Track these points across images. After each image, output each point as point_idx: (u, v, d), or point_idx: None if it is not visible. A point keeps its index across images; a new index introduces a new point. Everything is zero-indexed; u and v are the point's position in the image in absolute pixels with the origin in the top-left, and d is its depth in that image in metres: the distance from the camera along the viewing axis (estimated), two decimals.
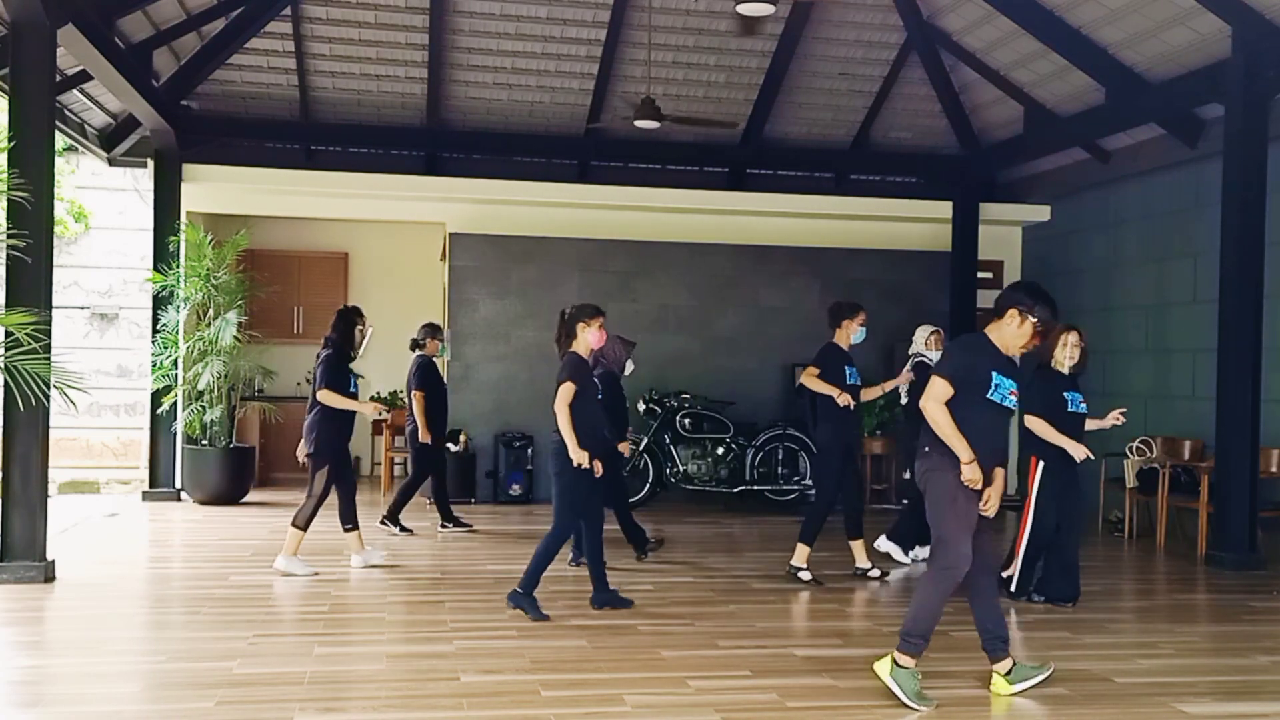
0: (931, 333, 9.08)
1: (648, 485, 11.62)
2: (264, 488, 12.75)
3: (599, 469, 6.83)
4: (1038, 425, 7.20)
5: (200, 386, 11.26)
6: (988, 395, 5.16)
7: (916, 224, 13.34)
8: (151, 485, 11.79)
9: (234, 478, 11.51)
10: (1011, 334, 5.27)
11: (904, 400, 8.95)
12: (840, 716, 4.96)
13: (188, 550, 9.39)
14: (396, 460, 13.75)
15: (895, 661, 5.18)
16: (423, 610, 7.16)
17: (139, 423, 13.10)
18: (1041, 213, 13.38)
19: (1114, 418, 7.50)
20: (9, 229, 7.30)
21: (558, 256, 12.52)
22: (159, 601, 7.55)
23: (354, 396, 8.15)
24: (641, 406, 11.73)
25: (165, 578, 8.44)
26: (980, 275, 13.15)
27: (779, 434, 11.88)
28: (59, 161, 12.41)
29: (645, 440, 11.58)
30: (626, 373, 8.83)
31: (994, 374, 5.18)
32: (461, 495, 11.71)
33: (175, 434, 11.68)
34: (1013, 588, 7.36)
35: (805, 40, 11.83)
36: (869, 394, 8.30)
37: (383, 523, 9.84)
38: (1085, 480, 11.80)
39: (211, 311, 11.51)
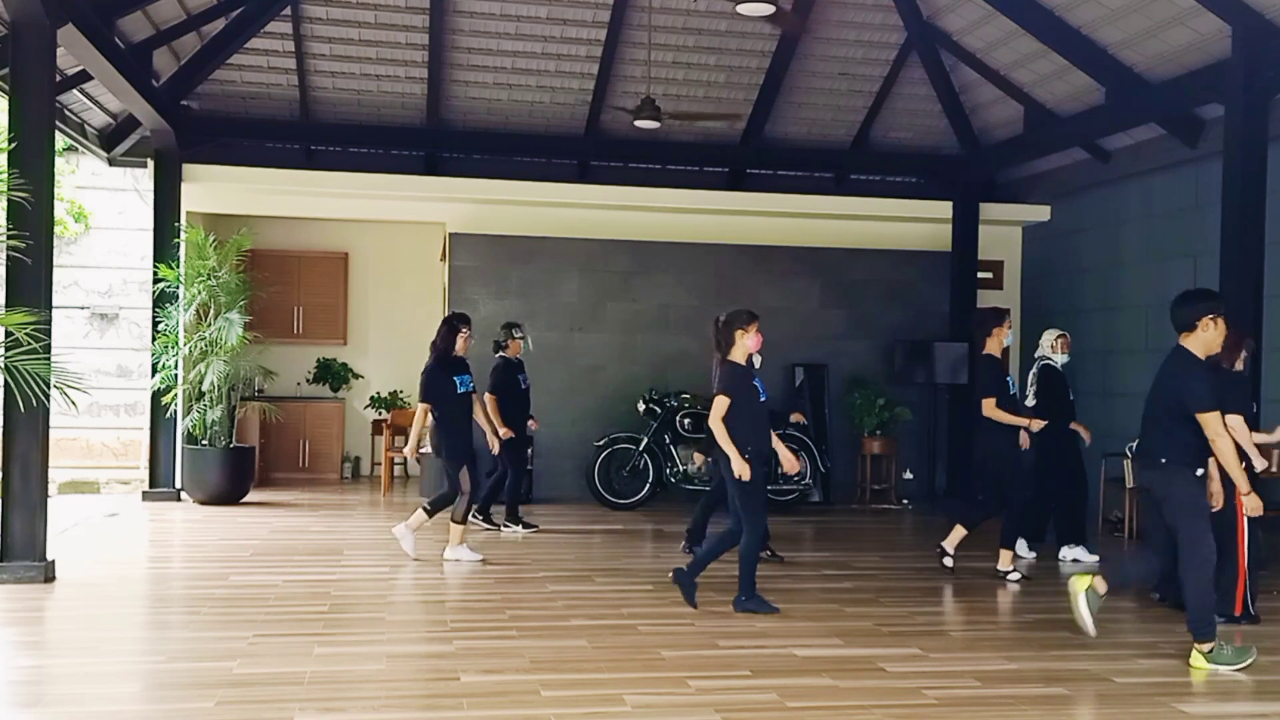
0: (1058, 336, 9.14)
1: (647, 485, 11.61)
2: (264, 488, 12.75)
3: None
4: (1242, 429, 6.85)
5: (204, 387, 11.26)
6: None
7: (916, 224, 13.34)
8: (151, 485, 11.79)
9: (234, 478, 11.51)
10: (1211, 339, 5.78)
11: (1032, 402, 8.89)
12: (840, 716, 4.96)
13: (188, 550, 9.39)
14: (396, 460, 13.76)
15: (1205, 654, 5.74)
16: (423, 610, 7.16)
17: (139, 423, 13.10)
18: (1041, 213, 13.38)
19: None
20: (9, 229, 7.30)
21: (558, 256, 12.52)
22: (159, 601, 7.55)
23: (465, 396, 8.53)
24: (641, 406, 11.73)
25: (165, 578, 8.44)
26: (980, 275, 13.16)
27: (779, 434, 11.84)
28: (59, 161, 12.40)
29: (645, 440, 11.57)
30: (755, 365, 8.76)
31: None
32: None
33: (177, 434, 11.68)
34: (1248, 610, 7.04)
35: (805, 40, 11.82)
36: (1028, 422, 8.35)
37: (506, 524, 10.03)
38: (1088, 480, 11.80)
39: (213, 311, 11.51)
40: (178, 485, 11.76)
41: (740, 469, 6.71)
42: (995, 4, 10.47)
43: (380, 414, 13.79)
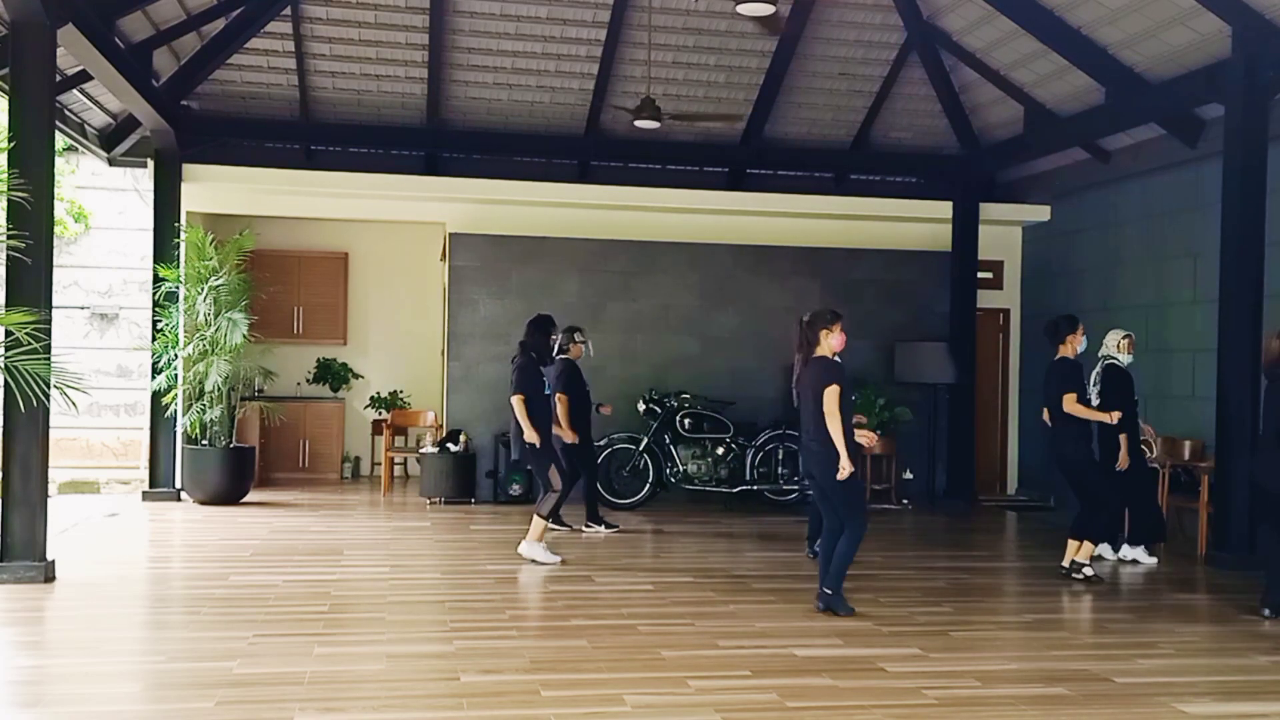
0: (1123, 336, 9.14)
1: (648, 485, 11.62)
2: (264, 488, 12.75)
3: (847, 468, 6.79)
4: None
5: (207, 387, 11.26)
6: None
7: (916, 224, 13.34)
8: (151, 485, 11.79)
9: (234, 478, 11.50)
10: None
11: (1096, 401, 8.86)
12: (840, 716, 4.96)
13: (188, 550, 9.39)
14: (396, 460, 13.76)
15: None
16: (423, 610, 7.16)
17: (139, 423, 13.10)
18: (1041, 213, 13.38)
19: None
20: (9, 229, 7.30)
21: (558, 256, 12.53)
22: (159, 601, 7.55)
23: (549, 399, 8.86)
24: (641, 406, 11.73)
25: (165, 578, 8.44)
26: (980, 275, 13.16)
27: (779, 434, 11.87)
28: (59, 161, 12.40)
29: (645, 440, 11.58)
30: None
31: None
32: (461, 495, 11.72)
33: (177, 434, 11.68)
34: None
35: (805, 40, 11.83)
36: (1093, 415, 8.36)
37: (587, 525, 10.13)
38: None
39: (213, 311, 11.50)
40: (178, 485, 11.76)
41: (848, 466, 6.70)
42: (995, 4, 10.47)
43: (380, 414, 13.79)
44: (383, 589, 7.58)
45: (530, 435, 8.51)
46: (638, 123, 10.58)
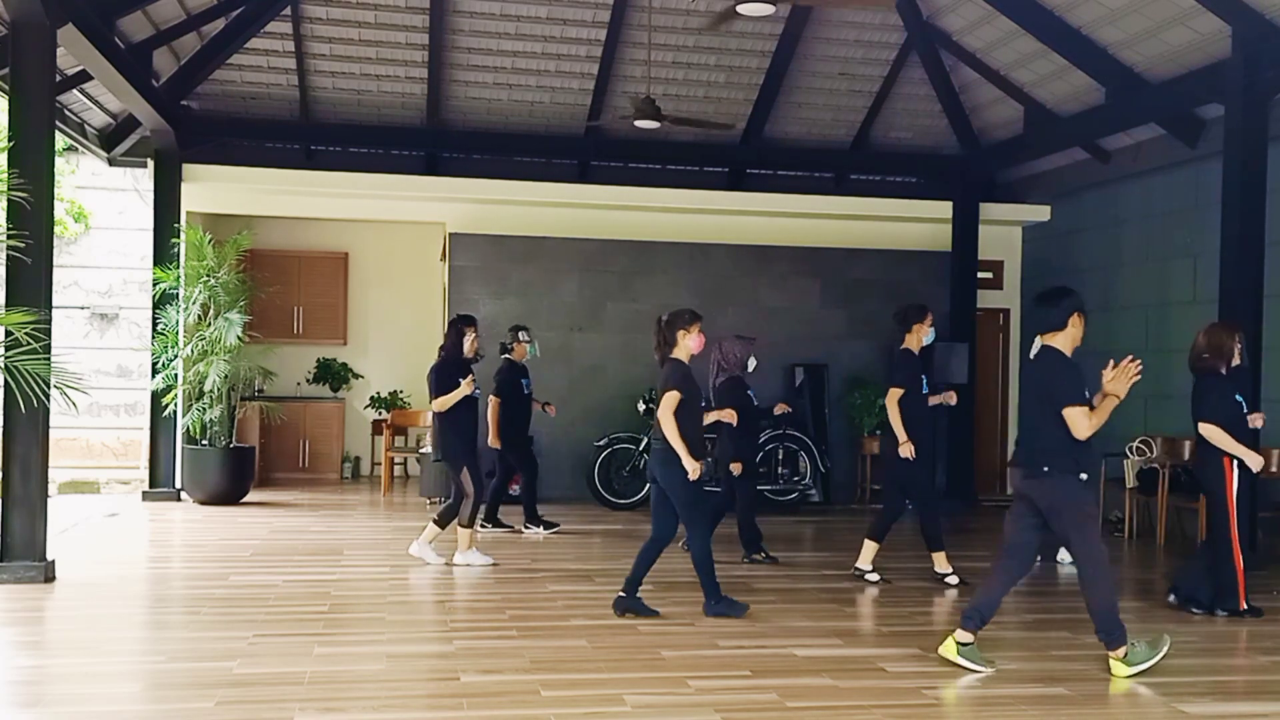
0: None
1: (648, 485, 11.59)
2: (264, 488, 12.75)
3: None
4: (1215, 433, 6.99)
5: (206, 387, 11.26)
6: None
7: (916, 224, 13.34)
8: (151, 485, 11.78)
9: (234, 478, 11.50)
10: (1078, 336, 5.76)
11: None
12: (840, 716, 4.96)
13: (188, 550, 9.39)
14: (396, 460, 13.76)
15: (1123, 659, 5.57)
16: (423, 610, 7.16)
17: (139, 423, 13.10)
18: (1041, 213, 13.38)
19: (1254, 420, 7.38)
20: (9, 229, 7.30)
21: (558, 256, 12.52)
22: (159, 601, 7.55)
23: (470, 399, 8.46)
24: (641, 406, 11.73)
25: (165, 578, 8.44)
26: (980, 275, 13.16)
27: (779, 434, 11.87)
28: (59, 161, 12.39)
29: (645, 440, 11.57)
30: (750, 369, 8.76)
31: None
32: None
33: (177, 434, 11.67)
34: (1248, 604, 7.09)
35: (805, 40, 11.83)
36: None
37: (526, 526, 10.00)
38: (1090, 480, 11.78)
39: (212, 311, 11.51)
40: (178, 485, 11.76)
41: (692, 467, 6.58)
42: (995, 4, 10.47)
43: (380, 414, 13.79)
44: (383, 589, 7.58)
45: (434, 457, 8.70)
46: (638, 123, 10.57)
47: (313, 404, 13.78)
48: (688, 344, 6.86)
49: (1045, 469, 5.58)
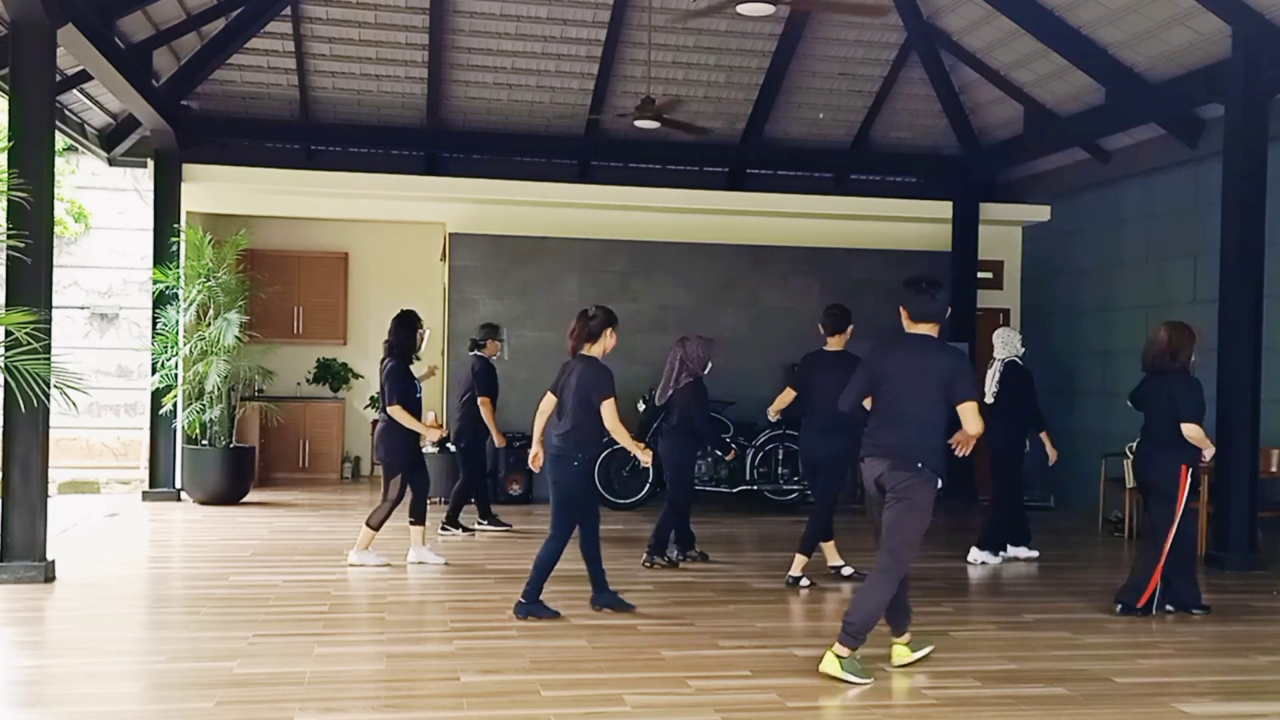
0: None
1: (647, 485, 11.62)
2: (264, 488, 12.75)
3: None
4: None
5: (206, 387, 11.26)
6: None
7: (916, 224, 13.34)
8: (151, 485, 11.79)
9: (234, 478, 11.51)
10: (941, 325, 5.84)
11: (991, 400, 8.90)
12: (840, 716, 4.96)
13: (188, 550, 9.39)
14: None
15: (841, 658, 5.40)
16: (423, 610, 7.16)
17: (139, 423, 13.10)
18: (1041, 213, 13.38)
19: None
20: (9, 229, 7.30)
21: (558, 256, 12.52)
22: (159, 601, 7.55)
23: (418, 404, 8.33)
24: (641, 406, 11.73)
25: (165, 578, 8.44)
26: (980, 275, 13.16)
27: (779, 434, 11.87)
28: (59, 161, 12.40)
29: (645, 440, 11.56)
30: (707, 370, 8.73)
31: None
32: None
33: (177, 434, 11.68)
34: (1150, 605, 7.08)
35: (805, 40, 11.83)
36: None
37: (444, 528, 9.85)
38: (1087, 481, 11.80)
39: (212, 311, 11.51)
40: (178, 485, 11.76)
41: (644, 456, 6.88)
42: (995, 4, 10.47)
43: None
44: (383, 589, 7.58)
45: (432, 437, 8.57)
46: (638, 123, 10.58)
47: (313, 404, 13.78)
48: (608, 343, 6.85)
49: (920, 465, 5.50)
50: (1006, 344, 9.07)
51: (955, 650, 6.12)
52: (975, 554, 8.89)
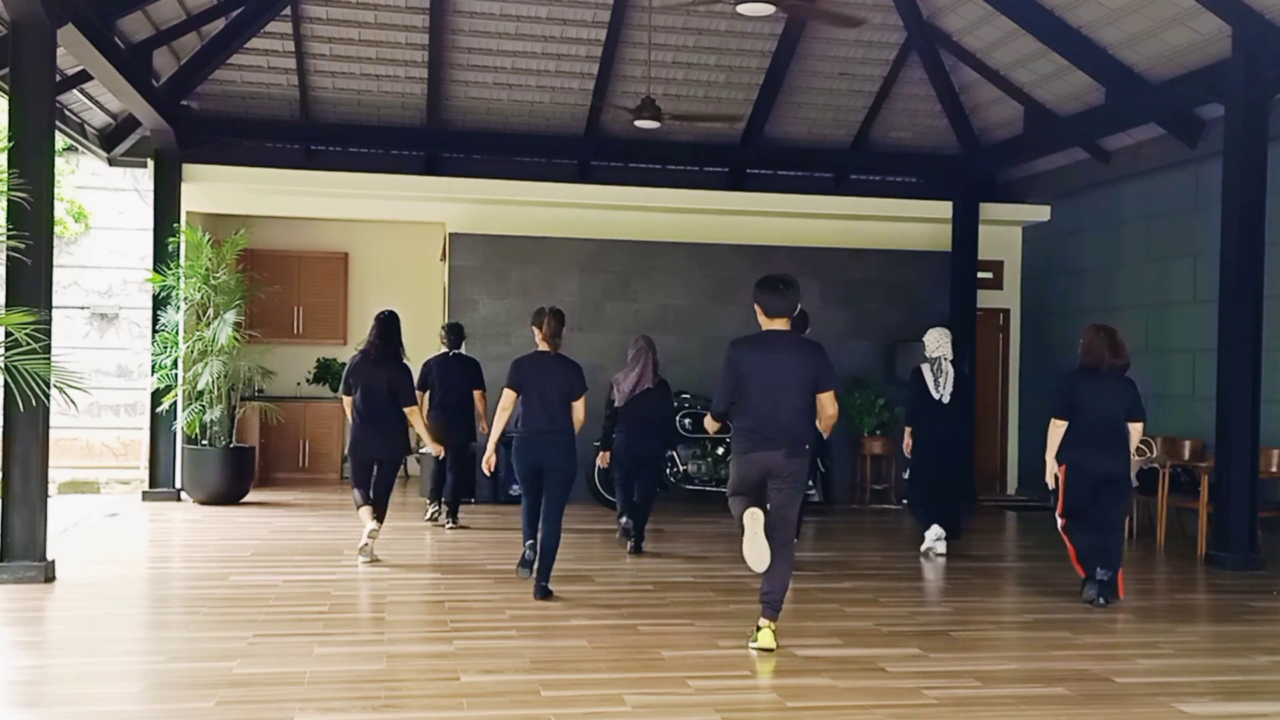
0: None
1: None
2: (264, 488, 12.75)
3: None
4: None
5: (200, 386, 11.26)
6: None
7: (916, 224, 13.35)
8: (151, 485, 11.79)
9: (234, 478, 11.50)
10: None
11: (945, 400, 8.97)
12: (840, 716, 4.96)
13: (188, 550, 9.39)
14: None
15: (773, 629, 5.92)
16: (423, 610, 7.16)
17: (139, 423, 13.10)
18: (1041, 213, 13.39)
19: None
20: (9, 229, 7.30)
21: (558, 256, 12.53)
22: (159, 601, 7.55)
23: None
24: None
25: (165, 578, 8.44)
26: (980, 275, 13.16)
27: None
28: (59, 161, 12.41)
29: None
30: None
31: None
32: (462, 496, 11.70)
33: (177, 434, 11.68)
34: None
35: (805, 40, 11.83)
36: None
37: (451, 528, 10.22)
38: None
39: (211, 311, 11.51)
40: (178, 485, 11.76)
41: (492, 462, 7.57)
42: (995, 4, 10.47)
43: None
44: (383, 589, 7.58)
45: (436, 448, 9.13)
46: (638, 123, 10.57)
47: (312, 404, 13.78)
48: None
49: (806, 448, 6.01)
50: (940, 344, 9.21)
51: (955, 650, 6.12)
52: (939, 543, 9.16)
